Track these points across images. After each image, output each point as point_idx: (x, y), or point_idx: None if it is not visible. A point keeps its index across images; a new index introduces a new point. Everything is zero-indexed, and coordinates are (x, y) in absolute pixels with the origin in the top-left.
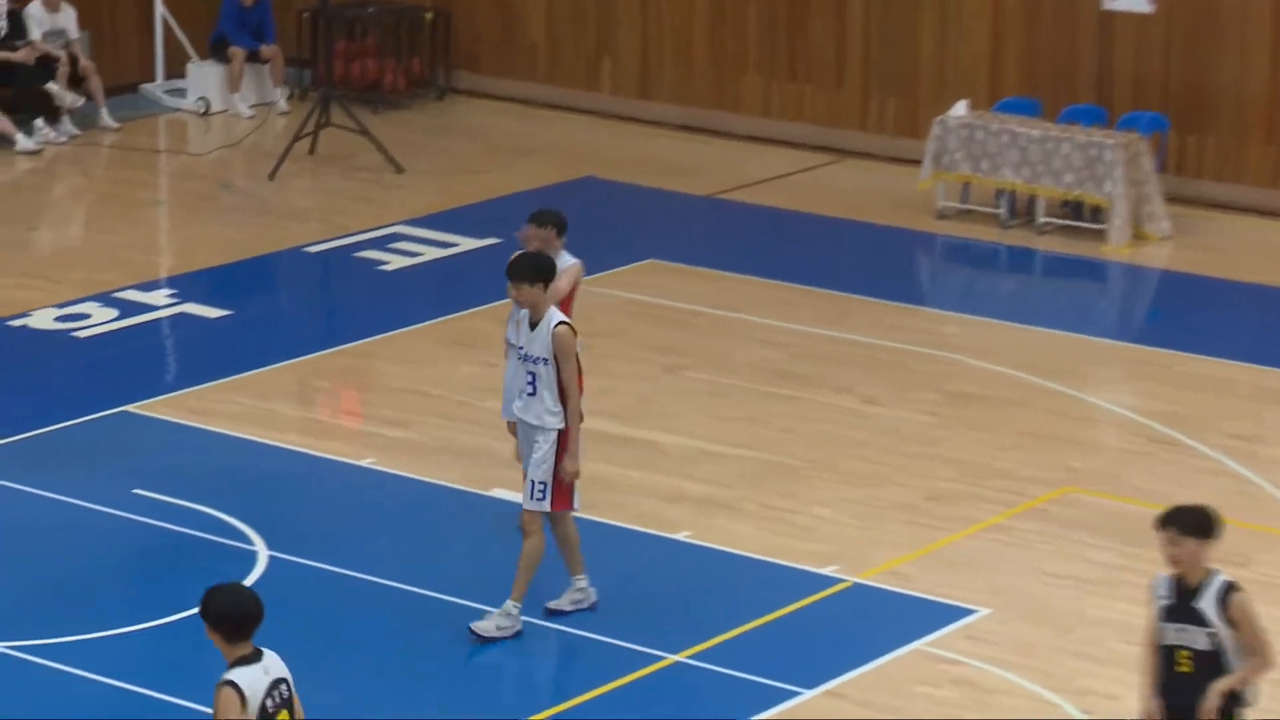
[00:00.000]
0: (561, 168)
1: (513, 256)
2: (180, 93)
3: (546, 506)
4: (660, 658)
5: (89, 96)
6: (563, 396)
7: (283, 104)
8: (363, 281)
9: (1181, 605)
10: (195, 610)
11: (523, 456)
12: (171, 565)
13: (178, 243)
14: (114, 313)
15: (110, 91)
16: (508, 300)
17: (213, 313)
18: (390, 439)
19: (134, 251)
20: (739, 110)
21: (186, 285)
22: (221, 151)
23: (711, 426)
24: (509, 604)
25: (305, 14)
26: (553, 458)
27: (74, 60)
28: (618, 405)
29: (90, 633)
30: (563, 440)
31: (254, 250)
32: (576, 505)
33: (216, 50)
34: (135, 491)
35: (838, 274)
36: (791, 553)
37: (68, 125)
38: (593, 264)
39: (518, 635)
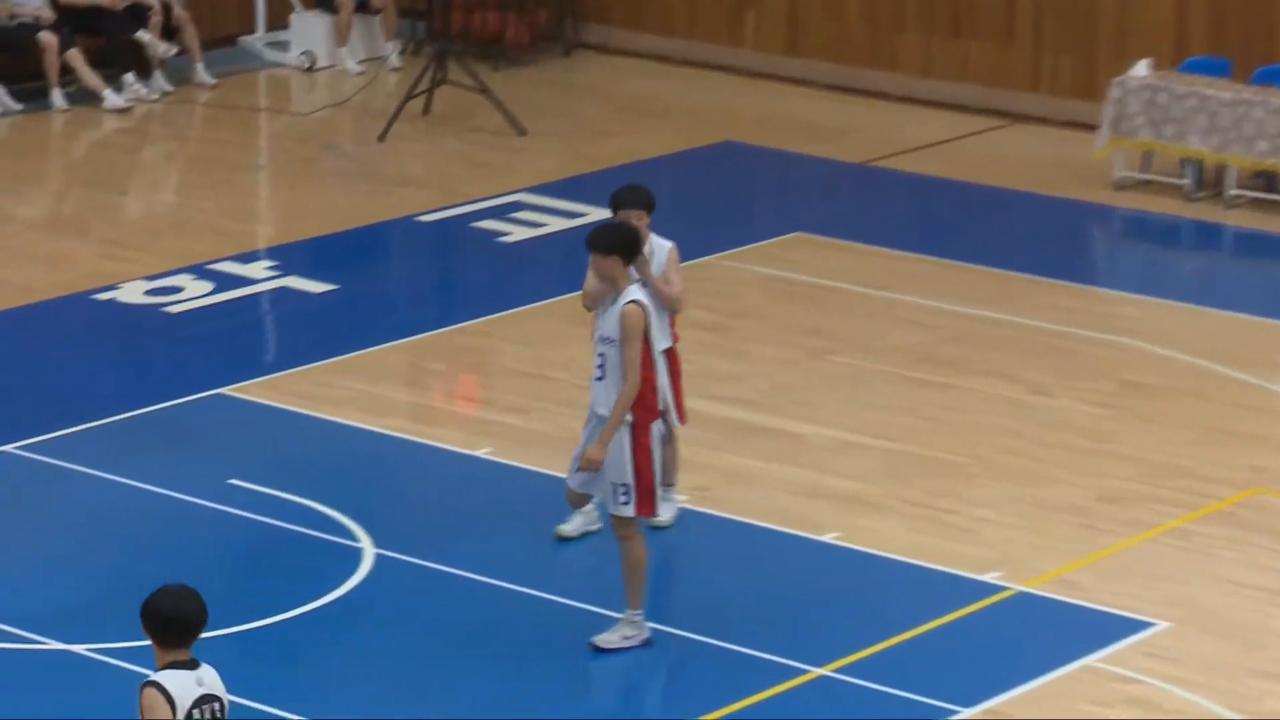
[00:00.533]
0: (698, 131)
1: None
2: (283, 46)
3: (630, 511)
4: (802, 671)
5: (183, 49)
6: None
7: (394, 59)
8: (481, 254)
9: None
10: (295, 613)
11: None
12: (269, 564)
13: (278, 210)
14: (209, 286)
15: (207, 44)
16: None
17: (316, 287)
18: (509, 427)
19: (231, 220)
20: (895, 69)
21: (288, 257)
22: (327, 111)
23: (858, 416)
24: (629, 613)
25: None
26: (630, 455)
27: (167, 10)
28: (755, 392)
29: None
30: (637, 435)
31: (362, 219)
32: (664, 515)
33: (324, 1)
34: (230, 482)
35: (1001, 249)
36: (947, 557)
37: (160, 81)
38: (732, 237)
39: (647, 644)
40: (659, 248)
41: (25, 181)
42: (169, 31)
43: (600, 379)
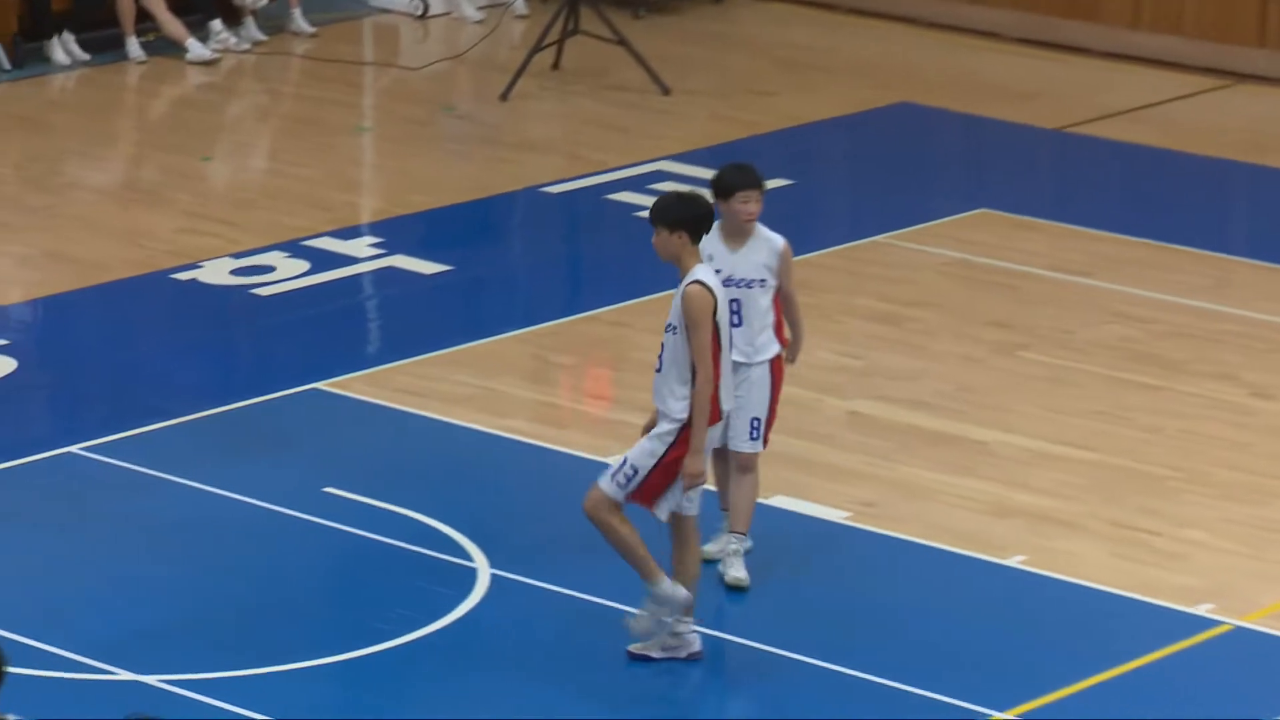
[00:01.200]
0: (870, 90)
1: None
2: None
3: (620, 496)
4: (983, 716)
5: None
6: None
7: (520, 5)
8: (616, 231)
9: None
10: (398, 642)
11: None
12: (368, 585)
13: (385, 179)
14: (304, 265)
15: None
16: (800, 258)
17: (427, 267)
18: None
19: (330, 189)
20: (1098, 19)
21: (395, 232)
22: (442, 65)
23: (1052, 422)
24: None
25: None
26: (662, 450)
27: None
28: (933, 393)
29: (266, 666)
30: (676, 439)
31: (480, 190)
32: (662, 516)
33: None
34: (326, 490)
35: (1221, 231)
36: (1153, 586)
37: (251, 29)
38: (909, 212)
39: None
40: (767, 243)
41: (97, 144)
42: None
43: (659, 370)
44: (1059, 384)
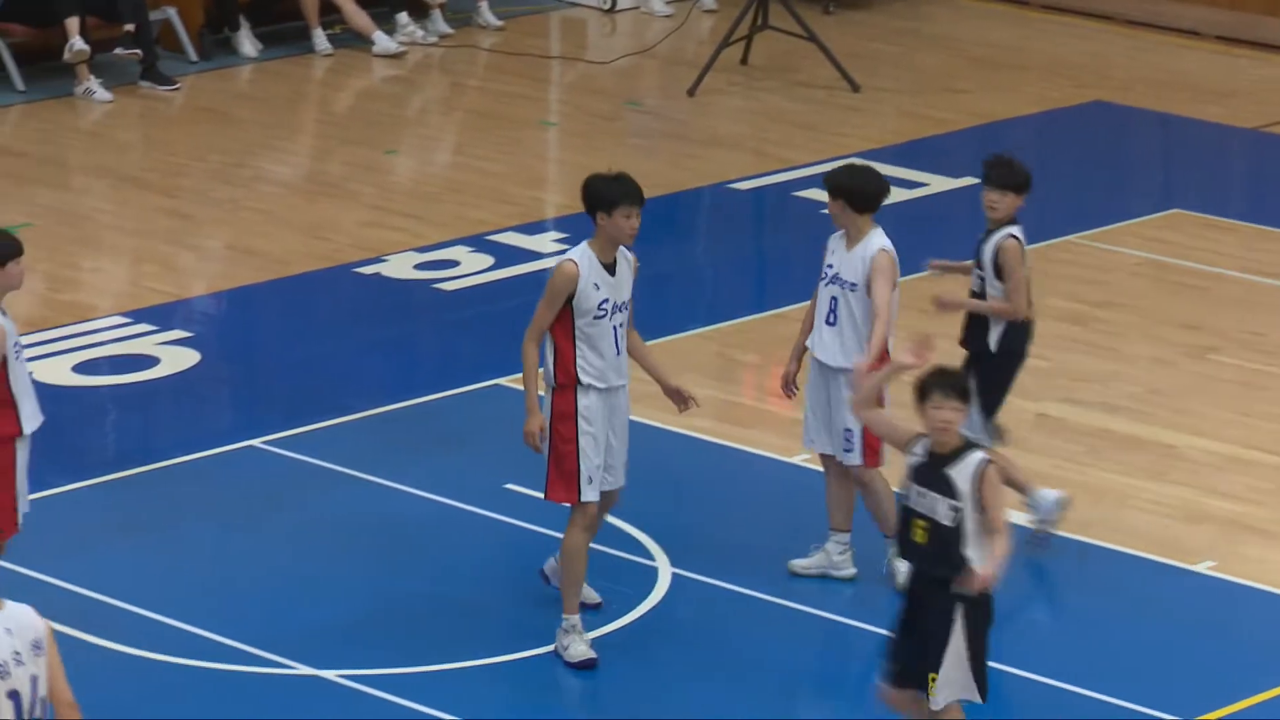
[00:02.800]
0: (1062, 88)
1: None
2: None
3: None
4: None
5: None
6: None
7: (708, 0)
8: (804, 228)
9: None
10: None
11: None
12: (532, 583)
13: (571, 174)
14: (489, 260)
15: None
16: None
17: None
18: None
19: (515, 184)
20: None
21: (580, 228)
22: (629, 59)
23: (1245, 427)
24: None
25: None
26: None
27: None
28: (1125, 396)
29: (445, 663)
30: None
31: (666, 186)
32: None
33: None
34: (508, 486)
35: None
36: None
37: (438, 22)
38: (1100, 213)
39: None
40: (871, 244)
41: (281, 137)
42: None
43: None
44: (1250, 388)
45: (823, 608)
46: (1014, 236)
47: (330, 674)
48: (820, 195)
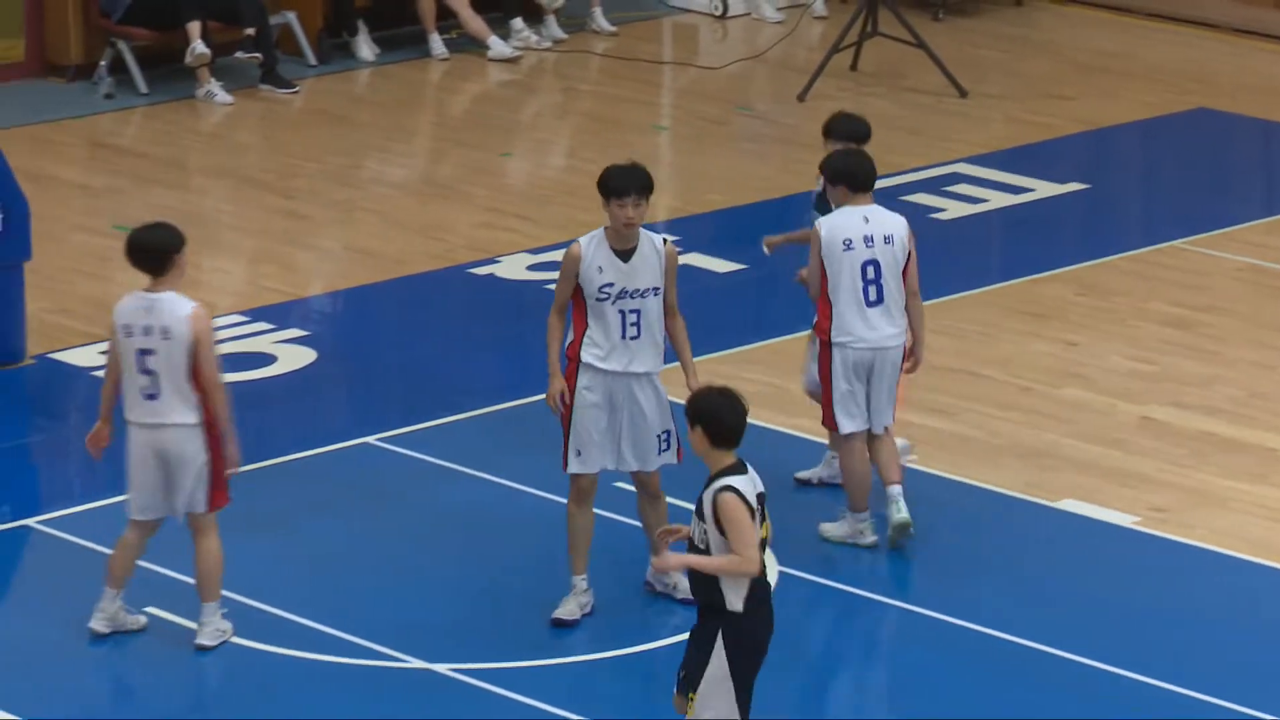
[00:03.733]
0: (1168, 95)
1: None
2: None
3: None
4: None
5: None
6: None
7: (819, 6)
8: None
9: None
10: (671, 640)
11: None
12: (637, 576)
13: (682, 178)
14: None
15: None
16: (1094, 262)
17: (722, 266)
18: (930, 430)
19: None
20: None
21: (691, 230)
22: (741, 65)
23: None
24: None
25: None
26: None
27: None
28: (1227, 400)
29: (554, 657)
30: None
31: (776, 190)
32: None
33: None
34: (616, 485)
35: None
36: None
37: (552, 27)
38: (1204, 217)
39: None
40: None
41: (397, 139)
42: None
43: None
44: None
45: (945, 611)
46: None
47: (441, 667)
48: (928, 199)
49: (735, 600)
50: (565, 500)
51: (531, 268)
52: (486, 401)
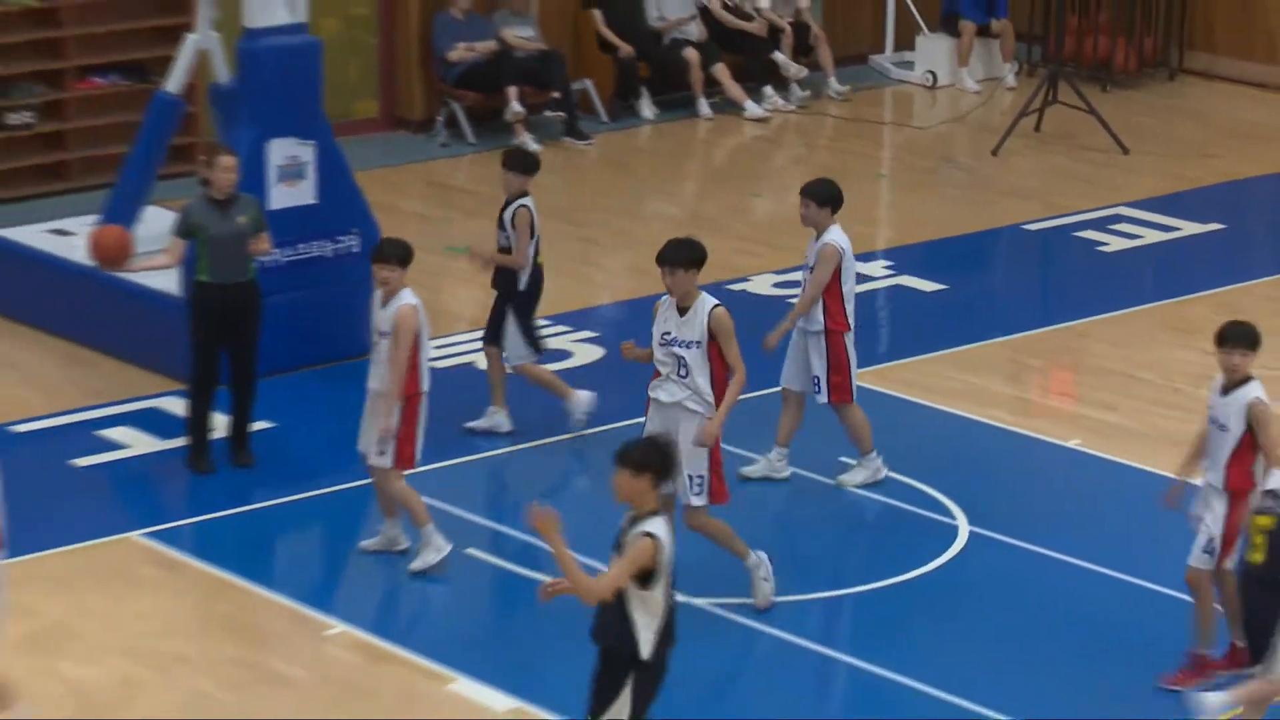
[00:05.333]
0: None
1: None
2: (908, 65)
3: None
4: None
5: (818, 65)
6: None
7: (1010, 79)
8: (1080, 261)
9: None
10: (894, 580)
11: None
12: (871, 534)
13: (897, 215)
14: None
15: (839, 61)
16: (1230, 287)
17: (928, 286)
18: (1098, 421)
19: (853, 222)
20: None
21: (903, 258)
22: (946, 125)
23: None
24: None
25: None
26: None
27: (804, 28)
28: None
29: (789, 594)
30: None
31: (972, 226)
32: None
33: (947, 24)
34: (843, 459)
35: None
36: None
37: (796, 93)
38: None
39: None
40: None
41: (670, 182)
42: (805, 48)
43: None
44: None
45: (1106, 564)
46: (525, 206)
47: (701, 601)
48: (1095, 234)
49: (646, 650)
50: (803, 471)
51: (775, 285)
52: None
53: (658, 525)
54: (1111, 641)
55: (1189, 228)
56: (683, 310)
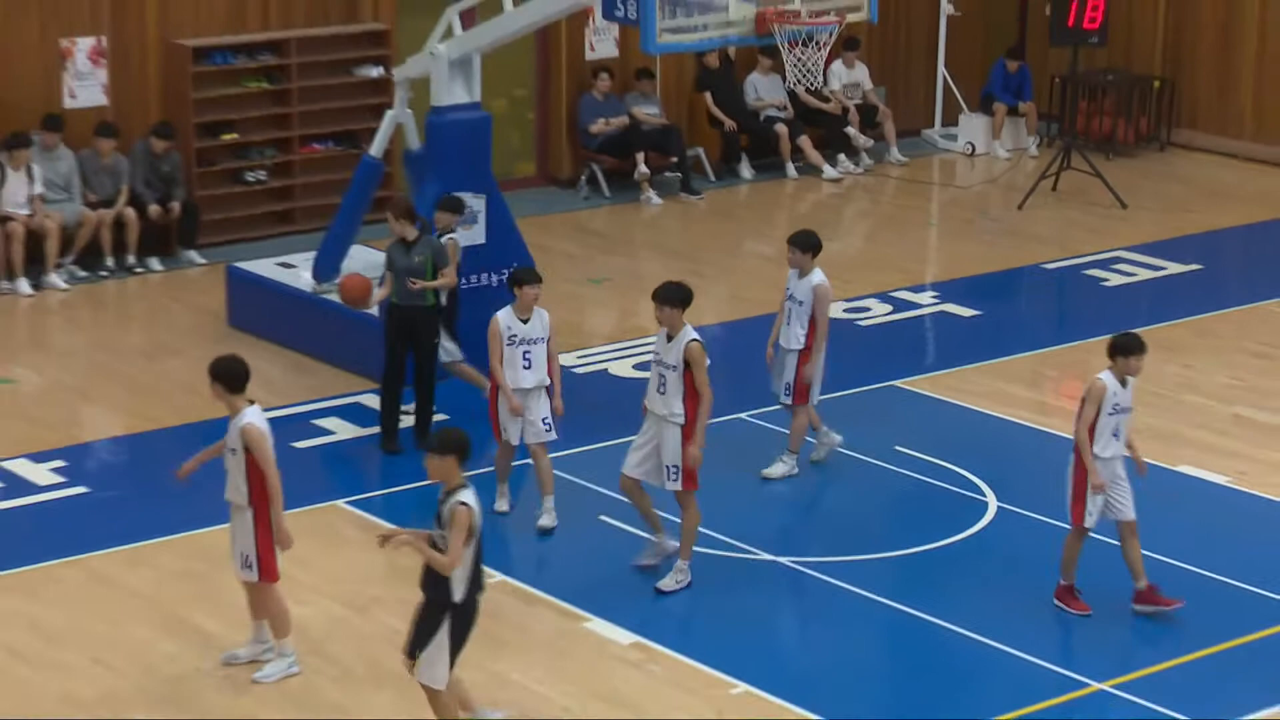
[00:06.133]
0: (1262, 210)
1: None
2: (952, 137)
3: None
4: None
5: (882, 137)
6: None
7: (1033, 149)
8: (1088, 293)
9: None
10: (935, 545)
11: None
12: (919, 508)
13: (942, 256)
14: (889, 308)
15: (900, 134)
16: (1206, 315)
17: (966, 312)
18: None
19: (908, 261)
20: None
21: (947, 289)
22: (982, 186)
23: None
24: (679, 563)
25: (1057, 79)
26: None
27: (872, 108)
28: None
29: (854, 555)
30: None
31: (1002, 265)
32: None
33: (984, 104)
34: (896, 448)
35: None
36: None
37: (864, 159)
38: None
39: (689, 586)
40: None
41: (763, 228)
42: (872, 121)
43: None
44: None
45: (1100, 533)
46: (452, 238)
47: (785, 560)
48: (1099, 273)
49: (459, 594)
50: (861, 456)
51: (846, 310)
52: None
53: (468, 495)
54: (1110, 592)
55: (1174, 267)
56: (670, 338)
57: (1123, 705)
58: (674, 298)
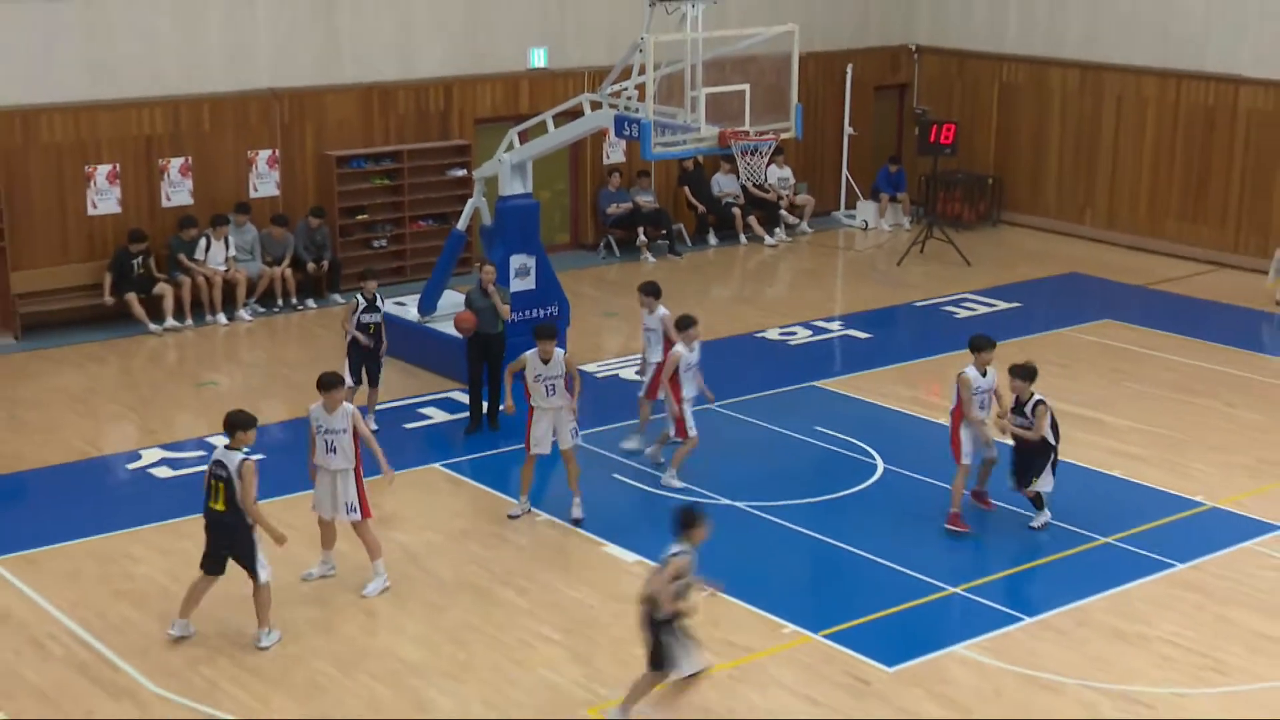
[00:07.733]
0: (1062, 266)
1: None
2: (852, 216)
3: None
4: None
5: (802, 217)
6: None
7: (907, 225)
8: (944, 323)
9: None
10: (836, 495)
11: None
12: (825, 468)
13: (846, 297)
14: (810, 332)
15: (815, 214)
16: (1022, 339)
17: (863, 335)
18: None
19: (823, 300)
20: (1161, 236)
21: (850, 320)
22: (872, 249)
23: None
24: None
25: (923, 177)
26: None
27: (796, 194)
28: (1081, 401)
29: (786, 500)
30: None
31: (887, 303)
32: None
33: (874, 194)
34: (815, 427)
35: None
36: None
37: (784, 233)
38: (1071, 319)
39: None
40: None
41: (724, 278)
42: (793, 208)
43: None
44: None
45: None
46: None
47: (742, 504)
48: (951, 309)
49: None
50: (790, 432)
51: (779, 334)
52: (758, 390)
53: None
54: (976, 524)
55: (1002, 305)
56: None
57: (969, 603)
58: (546, 334)
